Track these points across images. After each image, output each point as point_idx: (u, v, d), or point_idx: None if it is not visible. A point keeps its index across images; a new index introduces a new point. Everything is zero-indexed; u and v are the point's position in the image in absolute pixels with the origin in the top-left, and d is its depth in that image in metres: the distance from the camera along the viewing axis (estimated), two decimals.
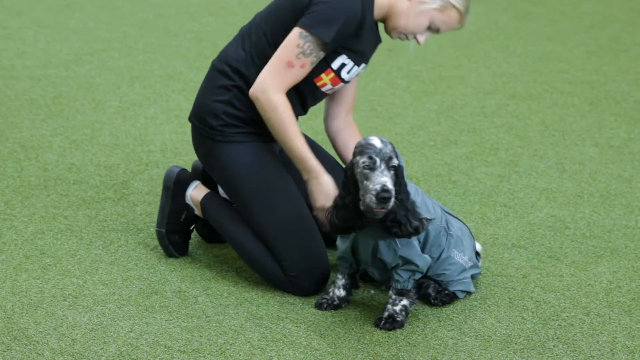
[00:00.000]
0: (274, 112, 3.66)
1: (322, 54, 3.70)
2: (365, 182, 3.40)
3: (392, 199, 3.37)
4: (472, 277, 3.80)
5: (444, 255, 3.70)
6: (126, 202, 4.45)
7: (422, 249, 3.63)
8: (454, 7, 3.77)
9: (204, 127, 3.83)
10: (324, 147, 4.17)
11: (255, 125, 3.78)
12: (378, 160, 3.38)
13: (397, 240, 3.53)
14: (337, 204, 3.51)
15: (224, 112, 3.78)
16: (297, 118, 3.80)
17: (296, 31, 3.67)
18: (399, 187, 3.46)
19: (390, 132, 5.31)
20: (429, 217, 3.61)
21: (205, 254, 4.07)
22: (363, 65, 3.87)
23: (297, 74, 3.68)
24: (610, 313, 3.71)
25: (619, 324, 3.65)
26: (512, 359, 3.43)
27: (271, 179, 3.78)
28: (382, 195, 3.34)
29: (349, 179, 3.48)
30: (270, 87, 3.66)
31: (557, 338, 3.55)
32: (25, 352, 3.37)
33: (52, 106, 5.51)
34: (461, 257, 3.75)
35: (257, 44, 3.78)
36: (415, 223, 3.47)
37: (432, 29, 3.82)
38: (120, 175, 4.70)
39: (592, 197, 4.63)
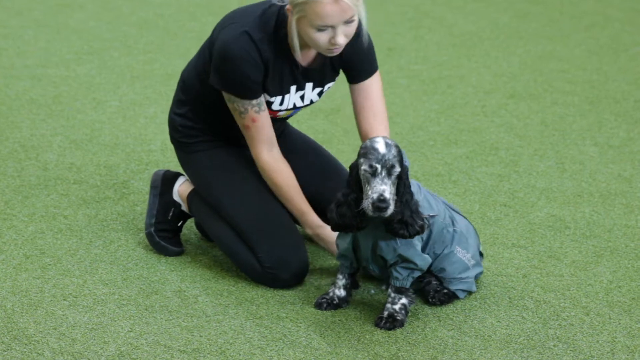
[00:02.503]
0: (265, 176, 3.80)
1: (256, 101, 3.70)
2: (366, 185, 3.42)
3: (390, 208, 3.40)
4: (475, 276, 3.80)
5: (446, 251, 3.70)
6: (126, 201, 4.45)
7: (425, 247, 3.63)
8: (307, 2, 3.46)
9: (171, 138, 3.99)
10: (324, 146, 4.17)
11: (213, 133, 3.90)
12: (379, 167, 3.40)
13: (397, 238, 3.53)
14: (339, 200, 3.51)
15: (182, 125, 3.92)
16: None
17: (224, 96, 3.72)
18: (403, 188, 3.47)
19: (390, 132, 5.30)
20: (431, 215, 3.61)
21: (205, 253, 4.07)
22: (326, 85, 3.81)
23: (259, 127, 3.73)
24: (610, 313, 3.71)
25: (619, 323, 3.65)
26: (512, 358, 3.43)
27: (238, 178, 3.87)
28: (378, 205, 3.39)
29: (353, 178, 3.49)
30: (255, 154, 3.79)
31: (557, 338, 3.55)
32: (25, 352, 3.37)
33: (52, 106, 5.51)
34: (464, 255, 3.74)
35: (203, 61, 3.82)
36: (420, 222, 3.49)
37: (323, 27, 3.48)
38: (120, 175, 4.70)
39: (592, 197, 4.63)
